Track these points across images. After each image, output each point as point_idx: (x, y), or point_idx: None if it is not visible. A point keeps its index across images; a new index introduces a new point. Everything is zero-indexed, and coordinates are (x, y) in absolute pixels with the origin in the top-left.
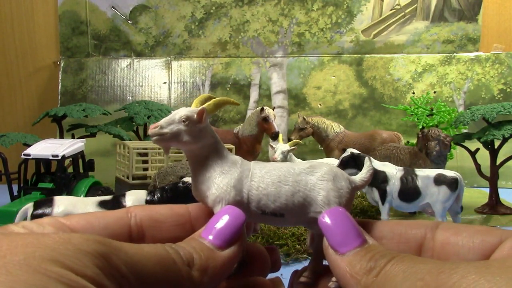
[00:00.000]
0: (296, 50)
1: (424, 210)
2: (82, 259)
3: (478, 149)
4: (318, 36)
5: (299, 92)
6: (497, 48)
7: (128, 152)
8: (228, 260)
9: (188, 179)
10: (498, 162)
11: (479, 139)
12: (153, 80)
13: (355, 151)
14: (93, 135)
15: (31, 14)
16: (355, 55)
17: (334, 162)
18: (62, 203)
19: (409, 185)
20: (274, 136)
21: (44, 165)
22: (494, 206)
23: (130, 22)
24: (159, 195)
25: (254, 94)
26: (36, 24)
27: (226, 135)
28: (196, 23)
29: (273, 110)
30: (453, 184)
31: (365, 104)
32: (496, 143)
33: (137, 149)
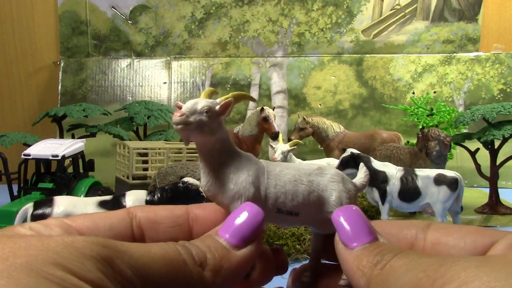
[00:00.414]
0: (296, 50)
1: (424, 210)
2: (85, 263)
3: (478, 149)
4: (318, 36)
5: (299, 92)
6: (497, 48)
7: (128, 152)
8: (243, 261)
9: (188, 179)
10: (498, 162)
11: (479, 139)
12: (153, 80)
13: (355, 151)
14: (93, 135)
15: (31, 14)
16: (355, 55)
17: (334, 162)
18: (62, 203)
19: (409, 185)
20: (274, 136)
21: (44, 165)
22: (494, 206)
23: (130, 22)
24: (159, 195)
25: (254, 94)
26: (36, 24)
27: None
28: (196, 23)
29: (273, 110)
30: (453, 184)
31: (365, 104)
32: (496, 143)
33: (137, 149)
